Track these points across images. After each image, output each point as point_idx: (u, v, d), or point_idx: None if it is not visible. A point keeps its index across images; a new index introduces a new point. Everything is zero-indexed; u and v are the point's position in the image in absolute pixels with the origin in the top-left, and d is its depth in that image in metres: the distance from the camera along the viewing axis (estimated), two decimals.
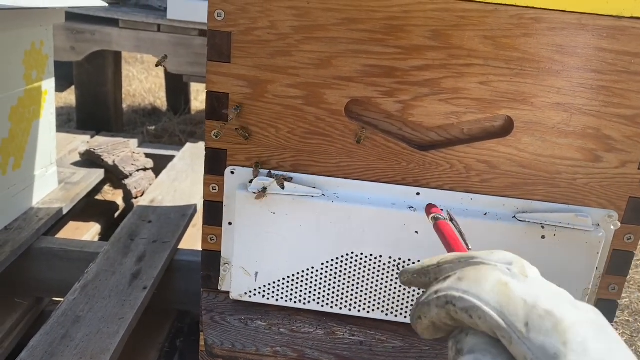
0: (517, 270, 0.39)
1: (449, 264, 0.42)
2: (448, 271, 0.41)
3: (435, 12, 0.70)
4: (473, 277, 0.38)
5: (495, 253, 0.41)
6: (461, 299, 0.37)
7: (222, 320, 0.81)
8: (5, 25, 1.21)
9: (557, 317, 0.35)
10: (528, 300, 0.36)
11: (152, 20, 1.98)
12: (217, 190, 0.79)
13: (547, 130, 0.75)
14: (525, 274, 0.39)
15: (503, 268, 0.39)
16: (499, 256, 0.40)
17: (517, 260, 0.40)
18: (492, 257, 0.40)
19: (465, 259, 0.41)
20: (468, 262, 0.41)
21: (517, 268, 0.39)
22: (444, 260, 0.42)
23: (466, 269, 0.40)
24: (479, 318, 0.36)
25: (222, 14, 0.71)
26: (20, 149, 1.34)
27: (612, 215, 0.78)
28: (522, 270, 0.39)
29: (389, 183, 0.78)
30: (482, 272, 0.39)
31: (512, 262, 0.40)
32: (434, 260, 0.43)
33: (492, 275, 0.38)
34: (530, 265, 0.40)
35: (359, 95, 0.75)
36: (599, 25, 0.70)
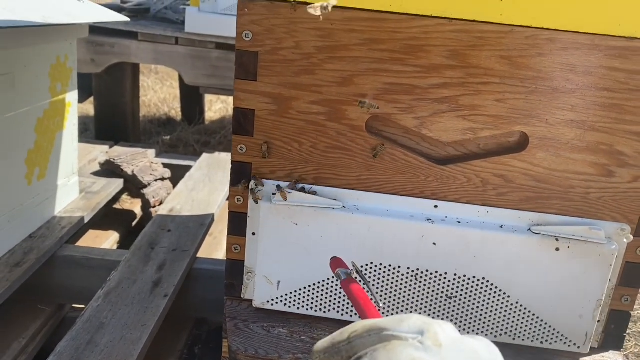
0: (430, 341, 0.37)
1: (360, 339, 0.39)
2: (360, 348, 0.39)
3: (453, 33, 0.73)
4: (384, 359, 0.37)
5: (405, 320, 0.39)
6: None
7: (246, 327, 0.84)
8: (34, 40, 1.26)
9: None
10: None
11: (170, 34, 2.03)
12: (241, 201, 0.83)
13: (561, 146, 0.77)
14: (438, 343, 0.37)
15: (415, 342, 0.37)
16: (409, 324, 0.38)
17: (428, 327, 0.38)
18: (402, 326, 0.38)
19: (376, 330, 0.39)
20: (379, 337, 0.39)
21: (429, 339, 0.37)
22: (354, 334, 0.40)
23: (378, 350, 0.38)
24: None
25: (249, 35, 0.75)
26: (45, 159, 1.38)
27: (625, 229, 0.80)
28: (434, 339, 0.37)
29: (407, 196, 0.81)
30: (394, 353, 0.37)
31: (424, 331, 0.38)
32: (344, 335, 0.41)
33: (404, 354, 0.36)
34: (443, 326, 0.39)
35: (379, 111, 0.78)
36: (611, 45, 0.73)
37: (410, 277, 0.82)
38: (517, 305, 0.82)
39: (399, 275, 0.82)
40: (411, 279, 0.82)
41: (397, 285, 0.83)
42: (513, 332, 0.83)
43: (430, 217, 0.81)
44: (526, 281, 0.80)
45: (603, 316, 0.84)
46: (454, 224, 0.80)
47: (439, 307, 0.83)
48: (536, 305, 0.82)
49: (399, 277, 0.82)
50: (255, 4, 0.73)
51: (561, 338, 0.83)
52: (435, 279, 0.82)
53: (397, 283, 0.82)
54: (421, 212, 0.81)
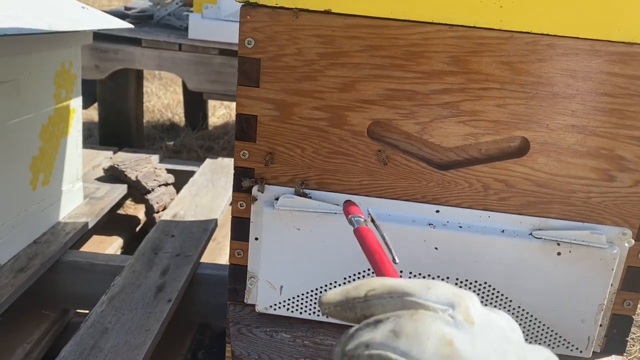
0: (461, 316, 0.33)
1: (379, 299, 0.35)
2: (378, 309, 0.35)
3: (454, 40, 0.74)
4: (412, 331, 0.32)
5: (433, 288, 0.35)
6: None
7: (249, 332, 0.84)
8: (39, 47, 1.27)
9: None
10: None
11: (174, 40, 2.04)
12: (244, 206, 0.83)
13: (562, 150, 0.78)
14: (470, 320, 0.33)
15: (445, 316, 0.33)
16: (437, 293, 0.34)
17: (459, 299, 0.34)
18: (430, 295, 0.34)
19: (399, 294, 0.35)
20: (403, 302, 0.34)
21: (460, 313, 0.33)
22: (372, 293, 0.35)
23: (403, 318, 0.33)
24: None
25: (252, 42, 0.75)
26: (49, 165, 1.39)
27: (626, 233, 0.80)
28: (466, 315, 0.33)
29: (409, 201, 0.81)
30: (422, 324, 0.32)
31: (454, 304, 0.34)
32: (360, 291, 0.36)
33: (434, 328, 0.32)
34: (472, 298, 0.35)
35: (380, 117, 0.78)
36: (611, 51, 0.73)
37: None
38: (519, 310, 0.82)
39: None
40: None
41: None
42: None
43: (431, 221, 0.81)
44: (528, 286, 0.81)
45: (605, 320, 0.84)
46: (455, 228, 0.80)
47: None
48: (538, 309, 0.82)
49: None
50: (258, 11, 0.74)
51: (563, 342, 0.83)
52: None
53: None
54: (423, 216, 0.82)
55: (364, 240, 0.48)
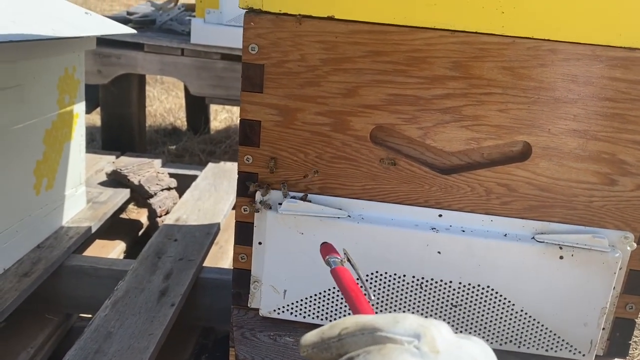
0: (427, 347, 0.35)
1: (352, 337, 0.37)
2: (351, 346, 0.37)
3: (456, 45, 0.74)
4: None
5: (400, 321, 0.36)
6: None
7: (252, 336, 0.84)
8: (43, 52, 1.28)
9: None
10: None
11: (176, 45, 2.05)
12: (248, 211, 0.84)
13: (564, 155, 0.78)
14: (435, 349, 0.35)
15: (411, 347, 0.35)
16: (404, 326, 0.36)
17: (425, 330, 0.36)
18: (397, 328, 0.36)
19: (369, 330, 0.36)
20: (373, 337, 0.36)
21: (426, 344, 0.35)
22: (345, 331, 0.37)
23: (371, 353, 0.35)
24: None
25: (255, 48, 0.76)
26: (53, 170, 1.40)
27: (628, 237, 0.81)
28: (431, 345, 0.35)
29: (412, 205, 0.82)
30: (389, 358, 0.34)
31: (420, 335, 0.35)
32: (334, 331, 0.38)
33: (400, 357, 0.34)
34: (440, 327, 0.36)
35: (383, 122, 0.79)
36: (612, 56, 0.74)
37: (415, 286, 0.83)
38: (522, 313, 0.82)
39: (404, 284, 0.83)
40: (416, 287, 0.83)
41: (402, 294, 0.83)
42: (518, 340, 0.84)
43: (434, 226, 0.81)
44: (531, 289, 0.81)
45: (608, 324, 0.85)
46: (458, 232, 0.81)
47: (444, 316, 0.84)
48: (541, 313, 0.82)
49: (404, 286, 0.83)
50: (261, 17, 0.75)
51: (566, 346, 0.83)
52: (440, 288, 0.82)
53: (402, 292, 0.83)
54: (426, 221, 0.82)
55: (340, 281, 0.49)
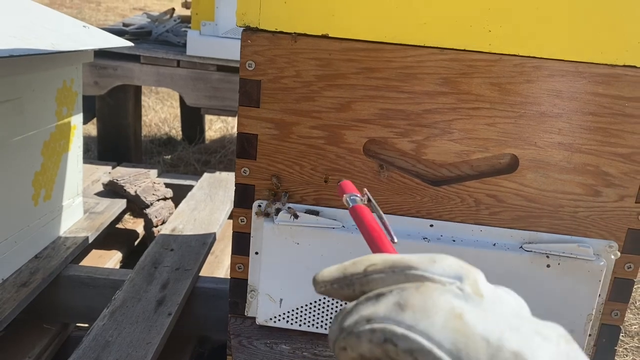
0: (470, 289, 0.31)
1: (379, 274, 0.32)
2: (379, 284, 0.32)
3: (445, 62, 0.77)
4: (418, 304, 0.29)
5: (438, 261, 0.32)
6: (405, 337, 0.28)
7: (249, 344, 0.86)
8: (42, 66, 1.30)
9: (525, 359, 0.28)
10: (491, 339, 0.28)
11: (172, 56, 2.08)
12: (245, 222, 0.86)
13: (550, 167, 0.81)
14: (479, 292, 0.31)
15: (453, 288, 0.30)
16: (443, 266, 0.31)
17: (467, 272, 0.32)
18: (435, 268, 0.31)
19: (401, 268, 0.32)
20: (406, 276, 0.31)
21: (469, 286, 0.31)
22: (372, 267, 0.32)
23: (407, 290, 0.30)
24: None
25: (252, 65, 0.79)
26: (51, 181, 1.42)
27: (613, 246, 0.83)
28: (475, 287, 0.31)
29: (404, 215, 0.85)
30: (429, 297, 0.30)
31: (462, 277, 0.31)
32: (359, 267, 0.33)
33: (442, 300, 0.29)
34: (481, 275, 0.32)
35: (376, 135, 0.82)
36: (595, 72, 0.77)
37: None
38: None
39: None
40: None
41: None
42: None
43: (426, 235, 0.84)
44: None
45: (594, 330, 0.87)
46: (448, 242, 0.83)
47: None
48: None
49: None
50: (258, 35, 0.78)
51: None
52: None
53: None
54: (417, 231, 0.85)
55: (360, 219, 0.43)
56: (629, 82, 0.77)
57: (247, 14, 0.77)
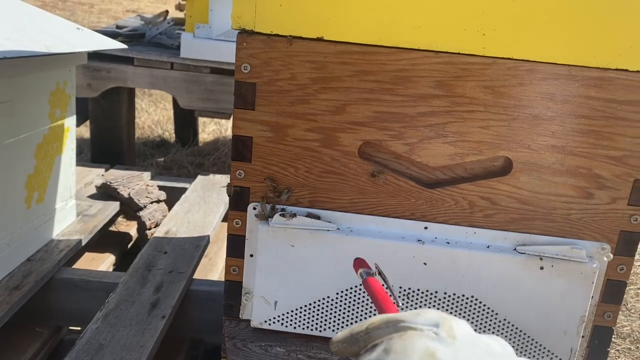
0: (445, 332, 0.38)
1: (377, 330, 0.40)
2: (376, 338, 0.40)
3: (439, 65, 0.78)
4: (400, 348, 0.37)
5: (422, 314, 0.39)
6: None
7: (244, 346, 0.86)
8: (35, 68, 1.29)
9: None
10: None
11: (166, 59, 2.08)
12: (240, 224, 0.86)
13: (543, 169, 0.82)
14: (453, 335, 0.38)
15: (430, 333, 0.38)
16: (425, 317, 0.39)
17: (443, 320, 0.39)
18: (418, 319, 0.39)
19: (393, 322, 0.40)
20: (396, 328, 0.39)
21: (444, 330, 0.38)
22: (372, 325, 0.41)
23: (393, 339, 0.38)
24: None
25: (248, 67, 0.79)
26: (44, 183, 1.41)
27: (605, 248, 0.84)
28: (449, 332, 0.38)
29: (398, 218, 0.85)
30: (409, 342, 0.37)
31: (439, 324, 0.38)
32: (362, 327, 0.41)
33: (419, 343, 0.37)
34: (458, 321, 0.39)
35: (370, 138, 0.82)
36: (587, 76, 0.78)
37: (403, 296, 0.85)
38: (505, 322, 0.85)
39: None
40: (403, 297, 0.85)
41: None
42: None
43: (420, 238, 0.84)
44: (513, 299, 0.84)
45: (587, 332, 0.88)
46: (443, 244, 0.84)
47: None
48: (523, 322, 0.85)
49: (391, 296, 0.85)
50: (254, 38, 0.78)
51: (547, 353, 0.86)
52: (426, 298, 0.85)
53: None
54: (412, 233, 0.85)
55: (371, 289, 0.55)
56: (621, 86, 0.78)
57: (243, 17, 0.77)
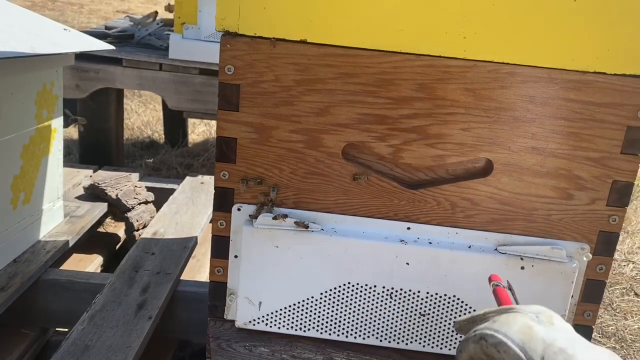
0: (544, 318, 0.48)
1: (493, 313, 0.52)
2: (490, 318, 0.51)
3: (421, 68, 0.79)
4: (504, 320, 0.48)
5: (531, 306, 0.51)
6: (492, 336, 0.47)
7: (228, 347, 0.87)
8: (21, 69, 1.29)
9: (568, 353, 0.43)
10: (546, 339, 0.45)
11: (155, 60, 2.07)
12: (224, 225, 0.87)
13: (524, 171, 0.83)
14: (551, 321, 0.48)
15: (532, 315, 0.48)
16: (532, 308, 0.50)
17: (545, 311, 0.50)
18: (526, 308, 0.50)
19: (505, 309, 0.51)
20: (506, 311, 0.51)
21: (544, 316, 0.48)
22: (489, 310, 0.53)
23: (501, 315, 0.50)
24: (504, 352, 0.46)
25: (231, 69, 0.79)
26: (30, 184, 1.41)
27: (585, 248, 0.86)
28: (548, 318, 0.48)
29: (382, 218, 0.86)
30: (512, 317, 0.48)
31: (540, 313, 0.49)
32: (482, 311, 0.54)
33: (520, 319, 0.47)
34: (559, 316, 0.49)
35: (354, 139, 0.83)
36: (567, 79, 0.79)
37: (386, 296, 0.86)
38: None
39: (375, 294, 0.86)
40: (386, 297, 0.86)
41: (373, 304, 0.87)
42: None
43: (403, 238, 0.85)
44: (494, 298, 0.85)
45: None
46: (425, 244, 0.85)
47: (413, 324, 0.87)
48: None
49: (374, 296, 0.86)
50: (237, 40, 0.78)
51: None
52: (408, 297, 0.86)
53: (373, 302, 0.87)
54: (395, 233, 0.86)
55: (498, 296, 0.66)
56: (599, 88, 0.79)
57: (227, 19, 0.77)
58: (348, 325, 0.88)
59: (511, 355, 0.45)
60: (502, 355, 0.46)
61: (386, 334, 0.88)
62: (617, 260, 2.33)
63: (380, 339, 0.88)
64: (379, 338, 0.88)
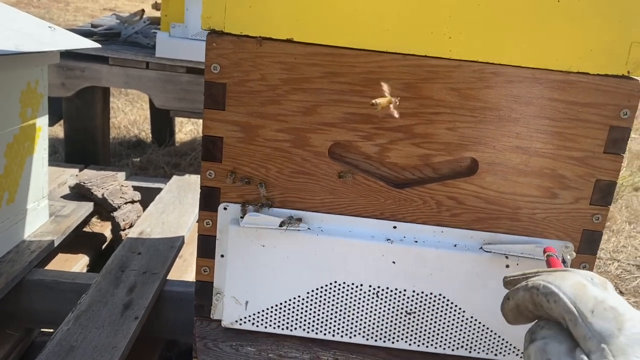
0: (598, 281, 0.49)
1: (544, 273, 0.53)
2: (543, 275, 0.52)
3: (407, 67, 0.79)
4: (559, 275, 0.50)
5: (586, 271, 0.52)
6: (544, 286, 0.49)
7: (215, 346, 0.87)
8: (4, 66, 1.28)
9: (619, 311, 0.44)
10: (598, 297, 0.46)
11: (141, 58, 2.06)
12: (210, 225, 0.86)
13: (509, 170, 0.84)
14: (605, 285, 0.49)
15: (587, 277, 0.49)
16: (587, 272, 0.52)
17: (599, 277, 0.51)
18: (580, 271, 0.51)
19: (560, 270, 0.53)
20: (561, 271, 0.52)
21: (598, 280, 0.50)
22: (542, 269, 0.55)
23: (553, 274, 0.51)
24: (555, 302, 0.47)
25: (217, 68, 0.79)
26: (14, 184, 1.39)
27: (569, 246, 0.86)
28: (603, 282, 0.49)
29: (368, 217, 0.86)
30: (567, 274, 0.50)
31: (595, 277, 0.50)
32: (534, 270, 0.55)
33: (575, 277, 0.49)
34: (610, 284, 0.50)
35: (340, 139, 0.83)
36: (551, 79, 0.80)
37: (372, 294, 0.87)
38: (472, 320, 0.87)
39: (361, 293, 0.87)
40: (373, 296, 0.87)
41: (359, 302, 0.87)
42: (469, 346, 0.89)
43: (389, 237, 0.86)
44: (479, 296, 0.86)
45: None
46: (411, 243, 0.85)
47: (399, 323, 0.88)
48: (490, 319, 0.87)
49: (361, 295, 0.87)
50: (223, 39, 0.78)
51: (513, 350, 0.88)
52: (395, 296, 0.86)
53: (359, 300, 0.87)
54: (381, 232, 0.86)
55: (550, 265, 0.69)
56: (583, 88, 0.80)
57: (212, 18, 0.77)
58: (335, 324, 0.88)
59: (561, 305, 0.46)
60: (550, 305, 0.47)
61: (373, 333, 0.88)
62: (603, 259, 2.36)
63: (367, 338, 0.89)
64: (365, 337, 0.89)
